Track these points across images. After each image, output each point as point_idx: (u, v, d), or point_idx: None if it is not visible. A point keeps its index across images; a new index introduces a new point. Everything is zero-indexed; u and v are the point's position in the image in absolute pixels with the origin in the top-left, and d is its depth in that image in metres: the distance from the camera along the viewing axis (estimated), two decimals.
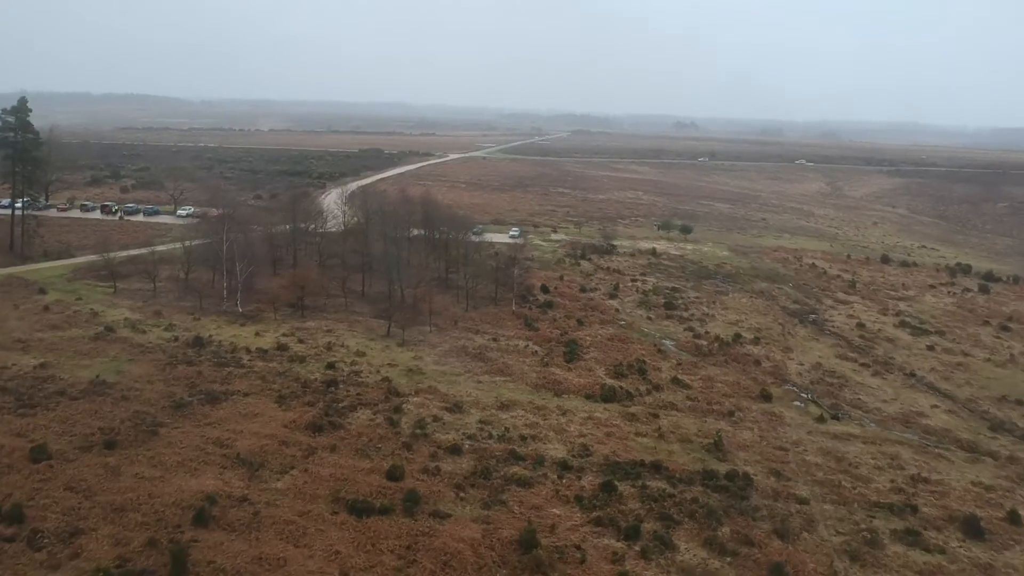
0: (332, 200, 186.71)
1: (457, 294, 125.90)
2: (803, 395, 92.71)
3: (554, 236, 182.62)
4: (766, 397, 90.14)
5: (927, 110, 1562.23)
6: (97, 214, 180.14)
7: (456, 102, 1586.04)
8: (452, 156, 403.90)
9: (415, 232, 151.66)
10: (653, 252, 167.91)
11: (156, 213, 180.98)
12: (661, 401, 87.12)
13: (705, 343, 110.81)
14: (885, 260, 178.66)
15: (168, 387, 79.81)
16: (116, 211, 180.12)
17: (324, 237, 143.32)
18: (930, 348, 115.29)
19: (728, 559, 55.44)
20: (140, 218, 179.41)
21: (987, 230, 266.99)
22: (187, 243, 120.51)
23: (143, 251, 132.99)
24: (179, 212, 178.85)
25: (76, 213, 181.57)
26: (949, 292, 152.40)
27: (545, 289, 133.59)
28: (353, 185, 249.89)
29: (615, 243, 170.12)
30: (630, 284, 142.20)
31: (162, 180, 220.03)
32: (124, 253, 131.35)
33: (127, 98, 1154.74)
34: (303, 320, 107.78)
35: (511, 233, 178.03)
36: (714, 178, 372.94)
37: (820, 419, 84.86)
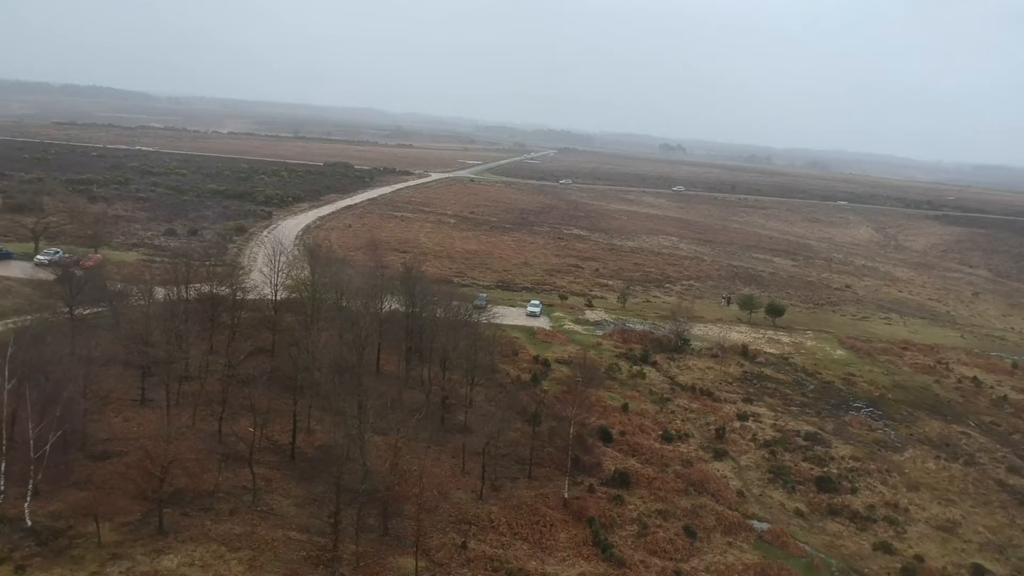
0: (270, 245, 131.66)
1: (461, 451, 73.23)
2: None
3: (590, 314, 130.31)
4: None
5: (897, 144, 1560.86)
6: None
7: (432, 111, 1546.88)
8: (434, 176, 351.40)
9: (390, 307, 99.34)
10: (744, 351, 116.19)
11: (6, 257, 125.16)
12: None
13: None
14: None
15: None
16: None
17: (236, 330, 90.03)
18: None
19: None
20: None
21: None
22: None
23: None
24: (38, 258, 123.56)
25: None
26: None
27: (607, 435, 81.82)
28: (307, 219, 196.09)
29: (686, 336, 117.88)
30: (736, 423, 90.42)
31: (43, 199, 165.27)
32: None
33: (88, 91, 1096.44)
34: (159, 551, 54.27)
35: (530, 309, 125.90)
36: (746, 218, 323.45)
37: None
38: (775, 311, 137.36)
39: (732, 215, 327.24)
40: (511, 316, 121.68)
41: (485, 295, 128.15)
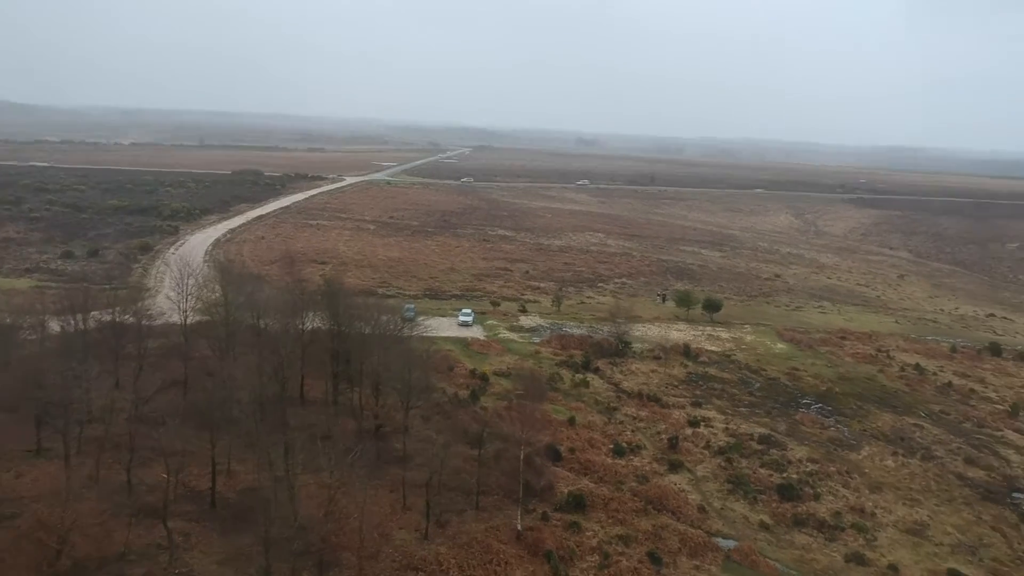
0: (176, 264, 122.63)
1: (401, 485, 67.20)
2: None
3: (525, 320, 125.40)
4: None
5: (801, 130, 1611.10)
6: None
7: (343, 113, 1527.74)
8: (349, 180, 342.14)
9: (312, 325, 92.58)
10: (686, 351, 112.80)
11: None
12: None
13: None
14: (995, 352, 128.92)
15: None
16: None
17: (143, 362, 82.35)
18: None
19: None
20: None
21: None
22: None
23: None
24: None
25: None
26: None
27: (556, 454, 76.87)
28: (216, 232, 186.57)
29: (627, 339, 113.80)
30: (688, 430, 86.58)
31: None
32: None
33: None
34: None
35: (462, 319, 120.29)
36: (669, 210, 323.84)
37: None
38: (712, 306, 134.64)
39: (655, 208, 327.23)
40: (442, 327, 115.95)
41: (413, 306, 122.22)
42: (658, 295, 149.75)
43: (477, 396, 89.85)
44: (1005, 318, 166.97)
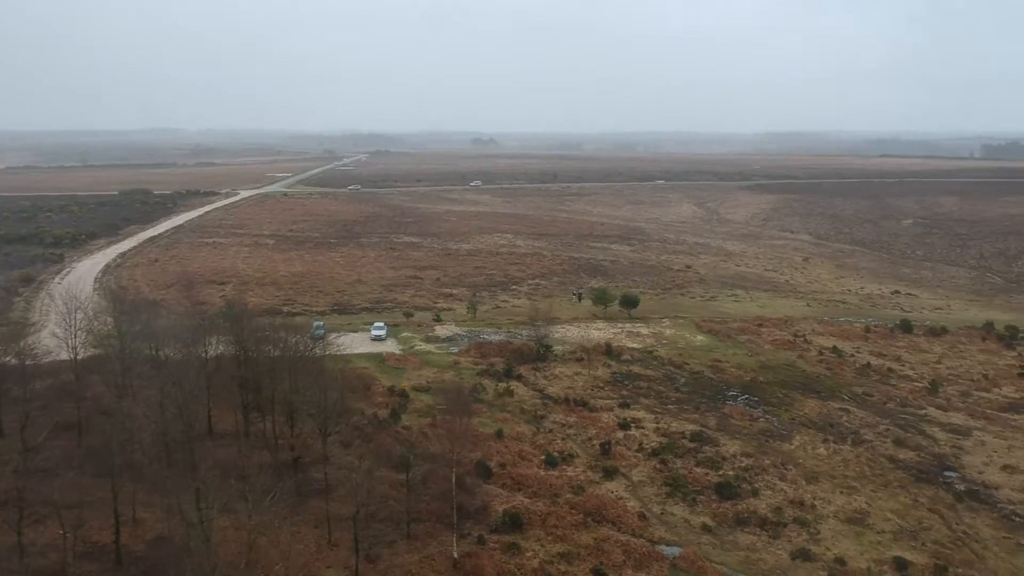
0: (63, 296, 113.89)
1: (325, 519, 62.99)
2: None
3: (440, 330, 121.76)
4: None
5: (689, 120, 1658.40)
6: None
7: (232, 125, 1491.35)
8: (244, 193, 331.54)
9: (216, 351, 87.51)
10: (608, 350, 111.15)
11: None
12: None
13: None
14: (906, 329, 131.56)
15: None
16: None
17: (30, 406, 75.69)
18: None
19: None
20: None
21: (924, 257, 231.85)
22: None
23: None
24: None
25: None
26: None
27: (486, 470, 73.81)
28: (106, 258, 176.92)
29: (548, 342, 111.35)
30: (619, 433, 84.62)
31: None
32: None
33: None
34: None
35: (374, 333, 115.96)
36: (574, 206, 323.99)
37: None
38: (629, 302, 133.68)
39: (560, 205, 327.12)
40: (355, 343, 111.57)
41: (322, 323, 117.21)
42: (574, 294, 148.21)
43: (398, 415, 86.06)
44: (909, 294, 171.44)
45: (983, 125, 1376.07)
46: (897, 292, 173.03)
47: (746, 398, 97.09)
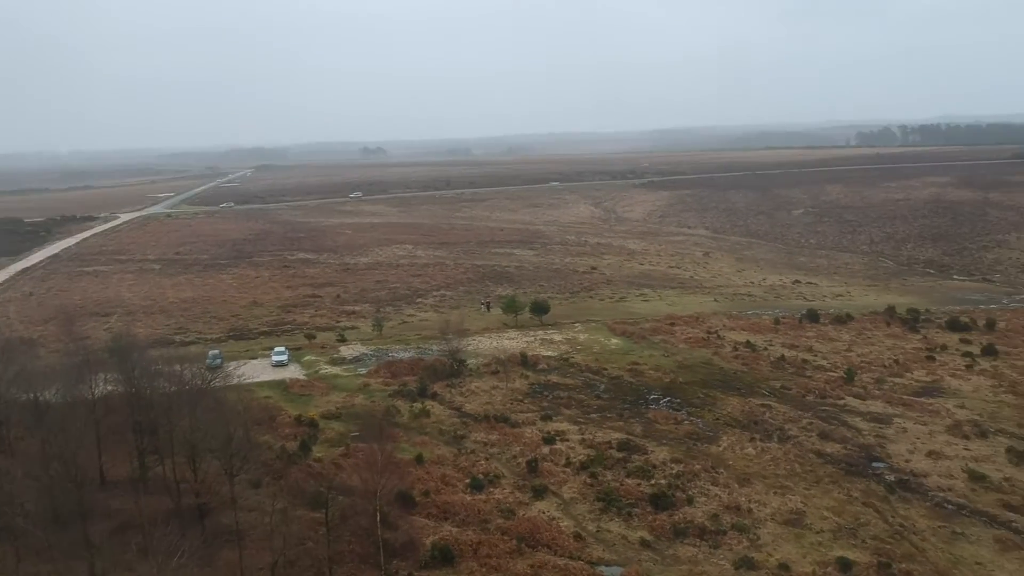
0: None
1: (238, 570, 57.75)
2: None
3: (346, 351, 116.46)
4: None
5: (574, 120, 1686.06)
6: None
7: (105, 146, 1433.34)
8: (124, 217, 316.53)
9: (104, 390, 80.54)
10: (523, 360, 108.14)
11: None
12: None
13: None
14: (814, 318, 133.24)
15: None
16: None
17: None
18: None
19: None
20: None
21: (817, 245, 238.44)
22: None
23: None
24: None
25: None
26: (967, 365, 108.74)
27: (409, 501, 69.56)
28: None
29: (461, 356, 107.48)
30: (544, 448, 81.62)
31: None
32: None
33: None
34: None
35: (275, 359, 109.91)
36: (471, 212, 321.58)
37: None
38: (540, 309, 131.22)
39: (456, 212, 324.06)
40: (255, 371, 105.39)
41: (218, 351, 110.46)
42: (482, 304, 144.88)
43: (308, 447, 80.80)
44: (810, 283, 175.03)
45: (850, 113, 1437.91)
46: (798, 281, 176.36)
47: (668, 401, 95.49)
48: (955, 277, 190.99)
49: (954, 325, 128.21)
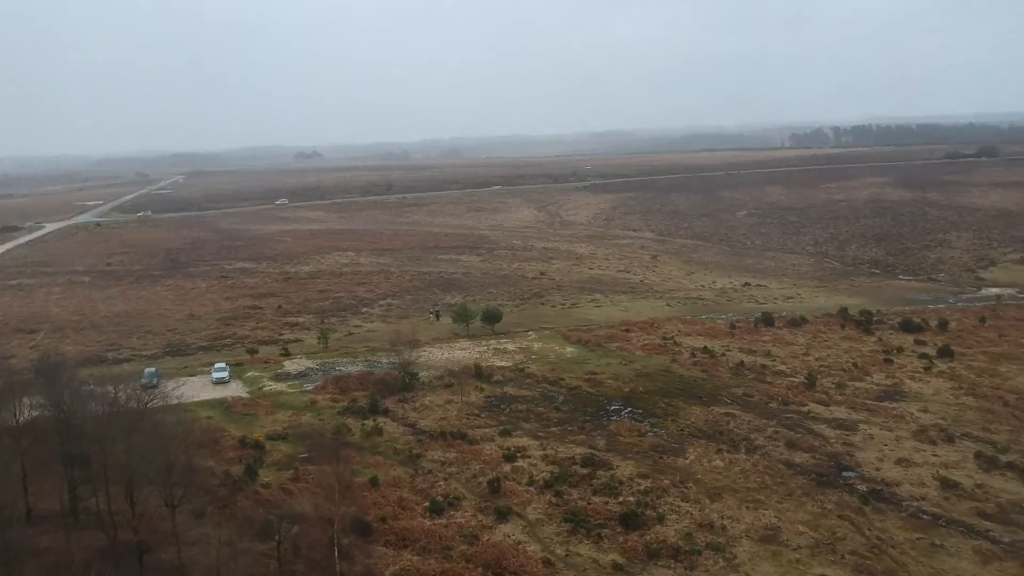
0: None
1: None
2: None
3: (291, 365, 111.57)
4: None
5: (519, 122, 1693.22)
6: None
7: (30, 151, 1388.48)
8: (51, 226, 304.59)
9: (28, 415, 74.98)
10: (477, 371, 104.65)
11: None
12: None
13: None
14: (768, 322, 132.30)
15: None
16: None
17: None
18: None
19: None
20: None
21: (763, 247, 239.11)
22: None
23: None
24: None
25: None
26: (925, 368, 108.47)
27: (365, 527, 65.57)
28: None
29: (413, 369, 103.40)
30: (506, 467, 78.14)
31: None
32: None
33: None
34: None
35: (216, 376, 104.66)
36: (413, 217, 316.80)
37: None
38: (492, 317, 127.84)
39: (398, 217, 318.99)
40: (195, 389, 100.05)
41: (154, 368, 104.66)
42: (431, 312, 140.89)
43: (255, 471, 76.07)
44: (759, 285, 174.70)
45: (779, 116, 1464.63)
46: (748, 284, 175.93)
47: (630, 411, 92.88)
48: (901, 277, 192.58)
49: (908, 326, 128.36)
